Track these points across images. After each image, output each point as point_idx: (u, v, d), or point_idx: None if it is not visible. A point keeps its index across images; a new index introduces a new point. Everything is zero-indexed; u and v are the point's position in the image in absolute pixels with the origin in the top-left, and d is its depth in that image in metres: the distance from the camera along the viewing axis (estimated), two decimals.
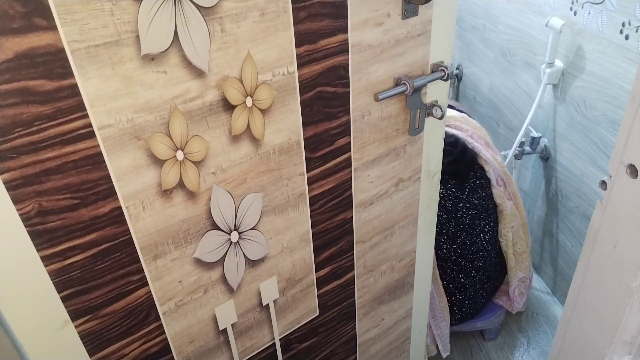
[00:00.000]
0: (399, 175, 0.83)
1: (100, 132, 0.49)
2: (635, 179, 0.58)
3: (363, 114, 0.71)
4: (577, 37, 1.34)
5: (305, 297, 0.81)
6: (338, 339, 0.93)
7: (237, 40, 0.54)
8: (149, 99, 0.50)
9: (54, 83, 0.44)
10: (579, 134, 1.37)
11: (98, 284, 0.56)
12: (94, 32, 0.45)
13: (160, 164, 0.54)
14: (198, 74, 0.53)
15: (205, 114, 0.55)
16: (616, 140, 0.60)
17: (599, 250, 0.66)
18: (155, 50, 0.49)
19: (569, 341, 0.77)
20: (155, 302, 0.62)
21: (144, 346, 0.64)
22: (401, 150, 0.80)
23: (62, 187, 0.49)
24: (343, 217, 0.78)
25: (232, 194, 0.62)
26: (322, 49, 0.62)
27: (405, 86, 0.72)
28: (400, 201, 0.87)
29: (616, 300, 0.64)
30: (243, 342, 0.76)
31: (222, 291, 0.68)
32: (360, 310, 0.93)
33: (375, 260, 0.89)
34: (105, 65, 0.46)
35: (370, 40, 0.66)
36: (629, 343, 0.63)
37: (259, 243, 0.69)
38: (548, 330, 1.50)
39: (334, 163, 0.72)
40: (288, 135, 0.64)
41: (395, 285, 0.98)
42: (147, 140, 0.52)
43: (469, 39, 2.07)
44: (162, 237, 0.59)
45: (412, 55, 0.73)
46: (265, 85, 0.58)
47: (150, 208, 0.56)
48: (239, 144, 0.60)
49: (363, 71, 0.68)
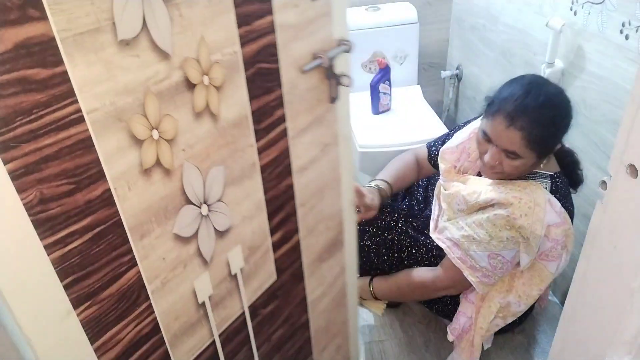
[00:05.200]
0: (324, 141, 0.95)
1: (89, 117, 0.52)
2: (635, 179, 0.56)
3: (292, 87, 0.81)
4: (577, 37, 1.33)
5: (265, 263, 0.88)
6: (293, 301, 1.01)
7: (192, 24, 0.60)
8: (127, 82, 0.55)
9: (47, 71, 0.47)
10: (579, 134, 1.37)
11: (95, 268, 0.58)
12: (78, 21, 0.48)
13: (140, 144, 0.58)
14: (164, 56, 0.58)
15: (173, 94, 0.61)
16: (616, 140, 0.59)
17: (599, 250, 0.65)
18: (129, 36, 0.53)
19: (569, 341, 0.77)
20: (145, 282, 0.65)
21: (137, 328, 0.66)
22: (323, 118, 0.92)
23: (60, 173, 0.51)
24: (287, 184, 0.88)
25: (200, 169, 0.68)
26: (257, 30, 0.70)
27: (321, 59, 0.84)
28: (327, 165, 0.98)
29: (616, 300, 0.62)
30: (219, 313, 0.81)
31: (198, 264, 0.73)
32: (307, 270, 1.03)
33: (314, 222, 1.00)
34: (89, 51, 0.50)
35: (291, 21, 0.76)
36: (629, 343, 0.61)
37: (224, 214, 0.75)
38: (548, 330, 1.52)
39: (275, 133, 0.81)
40: (238, 110, 0.72)
41: (330, 244, 1.09)
42: (127, 121, 0.56)
43: (469, 39, 2.07)
44: (147, 216, 0.62)
45: (322, 32, 0.84)
46: (217, 64, 0.65)
47: (135, 188, 0.59)
48: (202, 121, 0.66)
49: (288, 48, 0.78)
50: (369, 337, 1.58)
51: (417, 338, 1.55)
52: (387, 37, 2.07)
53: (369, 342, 1.56)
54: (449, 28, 2.26)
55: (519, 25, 1.64)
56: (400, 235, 1.43)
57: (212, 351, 0.82)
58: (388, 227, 1.44)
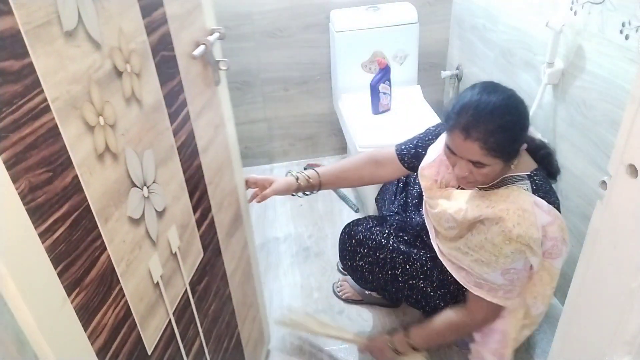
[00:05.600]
0: (215, 122, 1.04)
1: (53, 105, 0.55)
2: (635, 179, 0.56)
3: (187, 73, 0.89)
4: (577, 37, 1.33)
5: (194, 240, 0.95)
6: (217, 275, 1.09)
7: (112, 15, 0.66)
8: (75, 71, 0.58)
9: (19, 62, 0.50)
10: (579, 134, 1.37)
11: (77, 254, 0.60)
12: (35, 14, 0.51)
13: (92, 131, 0.62)
14: (97, 46, 0.63)
15: (108, 82, 0.65)
16: (616, 140, 0.59)
17: (599, 250, 0.65)
18: (70, 27, 0.57)
19: (569, 341, 0.76)
20: (114, 265, 0.68)
21: (115, 312, 0.69)
22: (212, 101, 1.01)
23: (40, 162, 0.53)
24: (197, 163, 0.95)
25: (136, 152, 0.73)
26: (156, 20, 0.78)
27: (204, 46, 0.93)
28: (221, 144, 1.08)
29: (616, 300, 0.62)
30: (169, 292, 0.85)
31: (149, 245, 0.77)
32: (222, 245, 1.11)
33: (220, 198, 1.08)
34: (45, 43, 0.53)
35: (176, 12, 0.85)
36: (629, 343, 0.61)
37: (159, 194, 0.80)
38: (548, 330, 1.54)
39: (182, 116, 0.88)
40: (154, 95, 0.78)
41: (234, 219, 1.19)
42: (80, 109, 0.60)
43: (469, 39, 2.04)
44: (107, 200, 0.66)
45: (199, 22, 0.94)
46: (134, 52, 0.71)
47: (94, 173, 0.63)
48: (131, 106, 0.71)
49: (179, 37, 0.86)
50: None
51: None
52: (387, 37, 2.09)
53: None
54: (449, 28, 2.28)
55: (519, 25, 1.63)
56: (393, 252, 1.41)
57: (170, 331, 0.86)
58: (379, 246, 1.43)
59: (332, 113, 2.47)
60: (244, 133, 2.48)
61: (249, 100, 2.39)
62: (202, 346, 1.01)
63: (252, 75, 2.32)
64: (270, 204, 2.29)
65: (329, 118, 2.49)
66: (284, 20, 2.20)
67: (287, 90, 2.40)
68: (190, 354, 0.95)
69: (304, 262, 1.96)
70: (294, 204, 2.29)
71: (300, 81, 2.38)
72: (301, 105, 2.45)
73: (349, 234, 1.50)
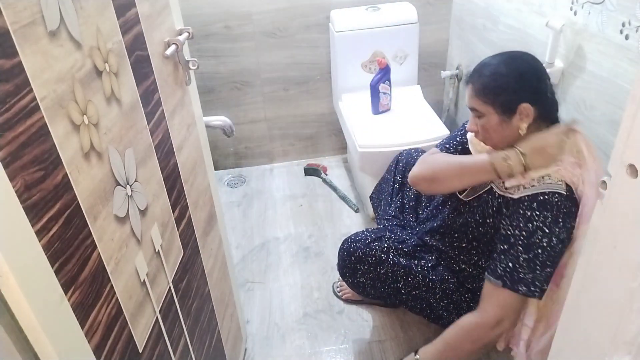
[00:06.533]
0: (187, 122, 1.05)
1: (42, 104, 0.55)
2: (635, 179, 0.56)
3: (160, 72, 0.90)
4: (577, 37, 1.33)
5: (174, 238, 0.95)
6: (197, 273, 1.09)
7: (90, 15, 0.66)
8: (59, 70, 0.59)
9: (9, 61, 0.50)
10: None
11: (71, 253, 0.60)
12: (21, 14, 0.52)
13: (78, 129, 0.62)
14: (78, 45, 0.63)
15: (89, 81, 0.66)
16: (616, 140, 0.59)
17: (599, 250, 0.65)
18: (53, 27, 0.58)
19: (569, 341, 0.76)
20: (105, 263, 0.68)
21: (107, 310, 0.69)
22: (183, 100, 1.02)
23: (33, 160, 0.53)
24: (173, 162, 0.96)
25: (118, 151, 0.73)
26: (129, 20, 0.78)
27: (175, 45, 0.94)
28: (194, 143, 1.09)
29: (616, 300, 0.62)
30: (155, 290, 0.86)
31: (134, 243, 0.78)
32: (200, 243, 1.12)
33: (195, 197, 1.09)
34: (32, 42, 0.54)
35: (147, 12, 0.85)
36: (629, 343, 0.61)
37: (141, 193, 0.81)
38: None
39: (157, 115, 0.89)
40: (131, 95, 0.78)
41: (209, 217, 1.20)
42: (66, 108, 0.60)
43: (469, 39, 2.03)
44: (94, 199, 0.66)
45: (168, 22, 0.95)
46: (112, 52, 0.72)
47: (82, 171, 0.63)
48: (112, 105, 0.72)
49: (151, 36, 0.86)
50: (369, 337, 1.61)
51: (417, 338, 1.59)
52: (387, 37, 2.08)
53: (369, 342, 1.59)
54: (449, 28, 2.28)
55: (519, 25, 1.63)
56: (393, 267, 1.41)
57: (158, 329, 0.87)
58: (380, 261, 1.42)
59: (332, 113, 2.48)
60: (244, 133, 2.47)
61: (249, 100, 2.38)
62: (187, 344, 1.01)
63: (252, 75, 2.30)
64: (270, 204, 2.30)
65: (329, 118, 2.50)
66: (284, 20, 2.20)
67: (287, 90, 2.39)
68: (177, 351, 0.95)
69: (304, 262, 1.96)
70: (294, 204, 2.29)
71: (300, 81, 2.38)
72: (301, 106, 2.45)
73: (347, 250, 1.48)
